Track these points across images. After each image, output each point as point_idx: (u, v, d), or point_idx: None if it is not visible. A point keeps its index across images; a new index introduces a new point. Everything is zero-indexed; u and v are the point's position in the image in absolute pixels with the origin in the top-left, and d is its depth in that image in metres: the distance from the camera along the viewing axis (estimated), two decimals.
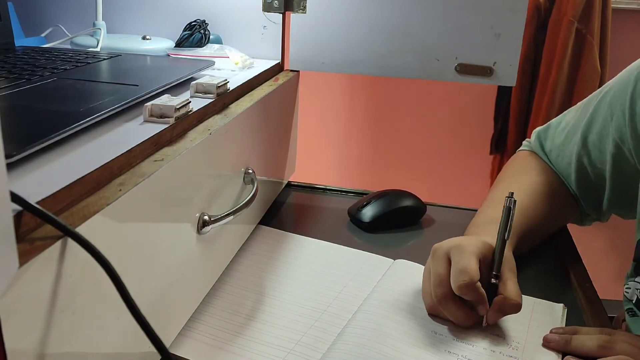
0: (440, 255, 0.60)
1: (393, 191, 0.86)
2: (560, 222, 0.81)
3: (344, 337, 0.56)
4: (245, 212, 0.62)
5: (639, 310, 0.71)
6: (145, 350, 0.45)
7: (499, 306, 0.57)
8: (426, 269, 0.63)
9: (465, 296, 0.57)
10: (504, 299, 0.57)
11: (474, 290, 0.57)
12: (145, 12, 0.91)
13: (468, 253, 0.58)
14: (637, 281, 0.72)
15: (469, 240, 0.61)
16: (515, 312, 0.58)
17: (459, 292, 0.57)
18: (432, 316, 0.61)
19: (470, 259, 0.57)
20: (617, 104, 0.70)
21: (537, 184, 0.77)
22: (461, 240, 0.61)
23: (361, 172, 2.13)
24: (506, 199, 0.62)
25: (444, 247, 0.61)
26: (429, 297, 0.60)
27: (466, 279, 0.56)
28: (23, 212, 0.33)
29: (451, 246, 0.60)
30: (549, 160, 0.81)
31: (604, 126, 0.72)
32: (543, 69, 1.68)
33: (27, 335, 0.33)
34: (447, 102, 1.99)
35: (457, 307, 0.58)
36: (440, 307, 0.59)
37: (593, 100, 0.75)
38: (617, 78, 0.72)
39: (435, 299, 0.59)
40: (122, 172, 0.45)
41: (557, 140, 0.79)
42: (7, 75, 0.60)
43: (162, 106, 0.53)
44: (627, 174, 0.71)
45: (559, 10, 1.64)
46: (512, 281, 0.59)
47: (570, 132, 0.77)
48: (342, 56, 0.87)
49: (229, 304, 0.63)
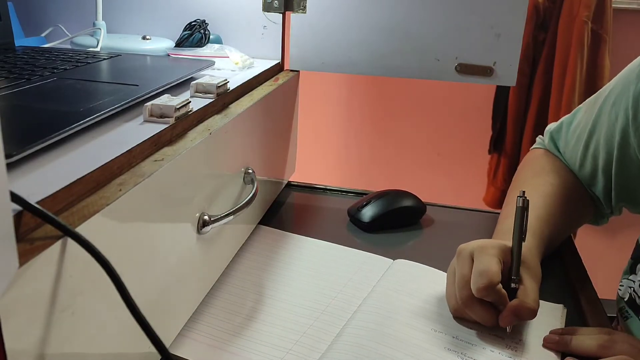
0: (465, 256, 0.59)
1: (393, 191, 0.86)
2: (578, 224, 0.81)
3: (343, 337, 0.56)
4: (245, 212, 0.62)
5: (630, 309, 0.71)
6: (145, 350, 0.45)
7: (514, 310, 0.56)
8: (450, 270, 0.62)
9: (486, 298, 0.56)
10: (520, 302, 0.56)
11: (494, 293, 0.56)
12: (145, 12, 0.91)
13: (489, 255, 0.58)
14: (630, 279, 0.72)
15: (492, 242, 0.60)
16: (530, 318, 0.57)
17: (478, 294, 0.56)
18: (458, 319, 0.60)
19: (491, 261, 0.57)
20: (620, 102, 0.70)
21: (557, 186, 0.75)
22: (485, 242, 0.60)
23: (361, 172, 2.13)
24: (518, 198, 0.62)
25: (468, 248, 0.60)
26: (454, 299, 0.59)
27: (485, 281, 0.55)
28: (23, 212, 0.33)
29: (475, 247, 0.59)
30: (564, 159, 0.80)
31: (609, 128, 0.71)
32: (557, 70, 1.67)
33: (27, 335, 0.33)
34: (447, 102, 1.99)
35: (483, 308, 0.57)
36: (466, 309, 0.58)
37: (599, 99, 0.74)
38: (619, 77, 0.72)
39: (460, 301, 0.58)
40: (122, 172, 0.45)
41: (570, 142, 0.78)
42: (7, 75, 0.60)
43: (162, 106, 0.53)
44: (631, 172, 0.71)
45: (570, 11, 1.64)
46: (531, 287, 0.58)
47: (580, 133, 0.77)
48: (342, 56, 0.87)
49: (229, 304, 0.63)
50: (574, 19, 1.64)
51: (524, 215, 0.61)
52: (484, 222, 0.87)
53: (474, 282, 0.56)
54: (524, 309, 0.56)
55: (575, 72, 1.65)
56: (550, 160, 0.81)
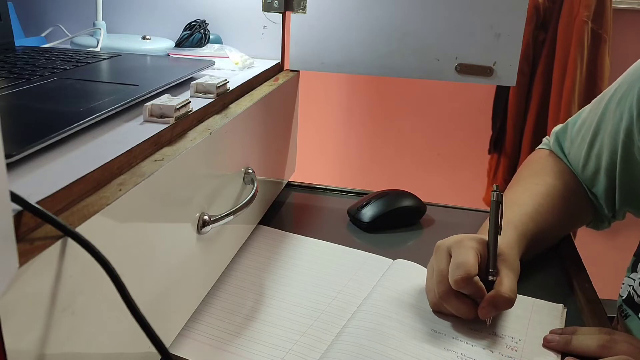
0: (443, 251, 0.61)
1: (393, 191, 0.86)
2: (573, 226, 0.81)
3: (343, 337, 0.56)
4: (245, 212, 0.62)
5: (628, 307, 0.71)
6: (145, 350, 0.45)
7: (491, 300, 0.57)
8: (429, 266, 0.63)
9: (463, 290, 0.58)
10: (497, 293, 0.58)
11: (472, 285, 0.57)
12: (145, 12, 0.91)
13: (467, 248, 0.59)
14: (631, 277, 0.72)
15: (469, 236, 0.62)
16: (507, 307, 0.58)
17: (455, 286, 0.57)
18: (437, 313, 0.61)
19: (468, 254, 0.58)
20: (625, 101, 0.70)
21: (553, 187, 0.76)
22: (462, 237, 0.61)
23: (361, 172, 2.13)
24: (493, 192, 0.63)
25: (446, 243, 0.61)
26: (432, 293, 0.61)
27: (462, 273, 0.57)
28: (23, 212, 0.33)
29: (452, 242, 0.61)
30: (567, 160, 0.80)
31: (613, 127, 0.71)
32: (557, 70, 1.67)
33: (27, 335, 0.33)
34: (447, 102, 1.99)
35: (460, 301, 0.59)
36: (444, 302, 0.59)
37: (604, 99, 0.74)
38: (625, 76, 0.72)
39: (437, 295, 0.59)
40: (122, 172, 0.45)
41: (575, 141, 0.78)
42: (7, 75, 0.60)
43: (162, 106, 0.53)
44: (635, 172, 0.71)
45: (570, 11, 1.64)
46: (508, 277, 0.59)
47: (585, 133, 0.77)
48: (342, 56, 0.87)
49: (229, 304, 0.63)
50: (574, 19, 1.64)
51: (498, 209, 0.62)
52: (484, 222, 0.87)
53: (452, 274, 0.57)
54: (501, 299, 0.57)
55: (575, 72, 1.65)
56: (551, 161, 0.81)
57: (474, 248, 0.59)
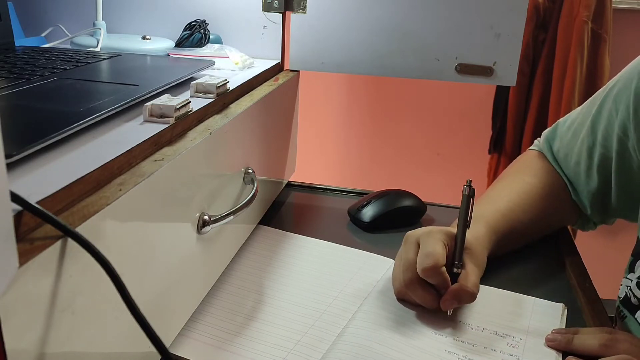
0: (412, 241, 0.63)
1: (393, 191, 0.86)
2: (553, 226, 0.81)
3: (344, 337, 0.56)
4: (245, 212, 0.62)
5: (625, 308, 0.71)
6: (145, 350, 0.45)
7: (454, 293, 0.59)
8: (397, 256, 0.65)
9: (430, 279, 0.59)
10: (460, 287, 0.59)
11: (438, 275, 0.59)
12: (145, 12, 0.91)
13: (435, 239, 0.61)
14: (628, 278, 0.72)
15: (438, 228, 0.63)
16: (469, 301, 0.60)
17: (423, 274, 0.59)
18: (401, 301, 0.62)
19: (436, 244, 0.60)
20: (621, 99, 0.70)
21: (530, 185, 0.77)
22: (431, 228, 0.63)
23: (361, 172, 2.13)
24: (464, 187, 0.64)
25: (415, 234, 0.63)
26: (398, 282, 0.62)
27: (430, 262, 0.58)
28: (23, 212, 0.33)
29: (421, 233, 0.63)
30: (556, 160, 0.80)
31: (609, 122, 0.72)
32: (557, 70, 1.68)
33: (27, 335, 0.33)
34: (447, 102, 1.99)
35: (424, 290, 0.60)
36: (408, 290, 0.61)
37: (599, 97, 0.75)
38: (622, 73, 0.72)
39: (403, 282, 0.61)
40: (122, 172, 0.45)
41: (565, 139, 0.79)
42: (7, 75, 0.60)
43: (162, 106, 0.53)
44: (631, 171, 0.71)
45: (570, 11, 1.64)
46: (473, 272, 0.61)
47: (577, 129, 0.77)
48: (342, 56, 0.87)
49: (229, 304, 0.63)
50: (574, 19, 1.64)
51: (468, 203, 0.63)
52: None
53: (420, 263, 0.59)
54: (464, 293, 0.59)
55: (575, 72, 1.65)
56: (537, 162, 0.81)
57: (442, 240, 0.61)
